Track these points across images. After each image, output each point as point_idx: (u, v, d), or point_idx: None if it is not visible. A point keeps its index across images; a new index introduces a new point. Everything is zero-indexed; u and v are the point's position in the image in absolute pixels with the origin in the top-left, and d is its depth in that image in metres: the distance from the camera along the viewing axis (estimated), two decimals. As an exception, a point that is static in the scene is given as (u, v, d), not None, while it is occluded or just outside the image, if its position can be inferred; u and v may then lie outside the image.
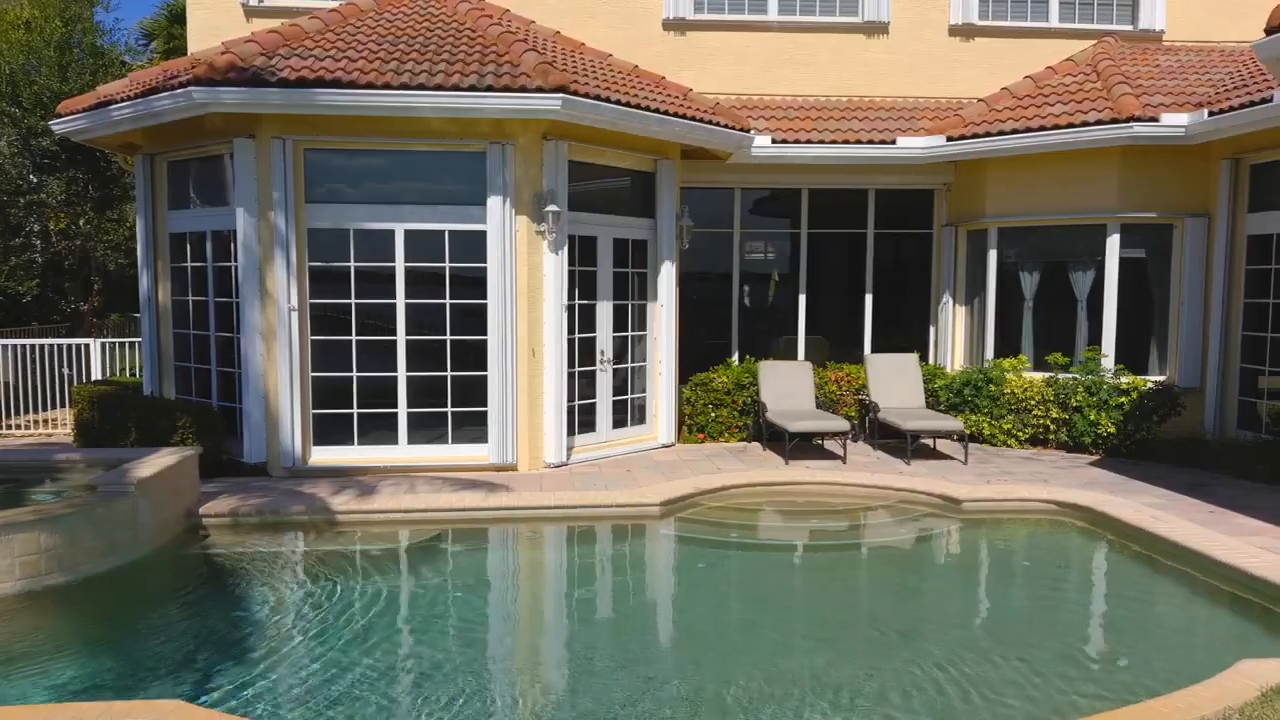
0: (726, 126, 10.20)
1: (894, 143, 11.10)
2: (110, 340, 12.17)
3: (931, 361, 11.96)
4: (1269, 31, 6.43)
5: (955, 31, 12.30)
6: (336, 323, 9.04)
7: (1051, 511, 7.96)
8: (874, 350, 11.90)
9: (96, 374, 11.76)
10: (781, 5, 12.22)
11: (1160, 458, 9.76)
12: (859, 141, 11.08)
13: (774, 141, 10.98)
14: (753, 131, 10.78)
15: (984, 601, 6.62)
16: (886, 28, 12.23)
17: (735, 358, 11.91)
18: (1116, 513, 7.42)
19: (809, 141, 11.04)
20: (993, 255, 11.22)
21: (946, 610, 6.28)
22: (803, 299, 12.02)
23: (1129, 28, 12.54)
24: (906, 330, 12.14)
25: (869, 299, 12.06)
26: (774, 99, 12.09)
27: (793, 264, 12.09)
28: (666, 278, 10.46)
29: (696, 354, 11.52)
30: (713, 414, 11.00)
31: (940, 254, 11.92)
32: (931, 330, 12.09)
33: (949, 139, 10.93)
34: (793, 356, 11.97)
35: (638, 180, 10.39)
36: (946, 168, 11.56)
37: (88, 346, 11.90)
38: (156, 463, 7.15)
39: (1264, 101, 8.80)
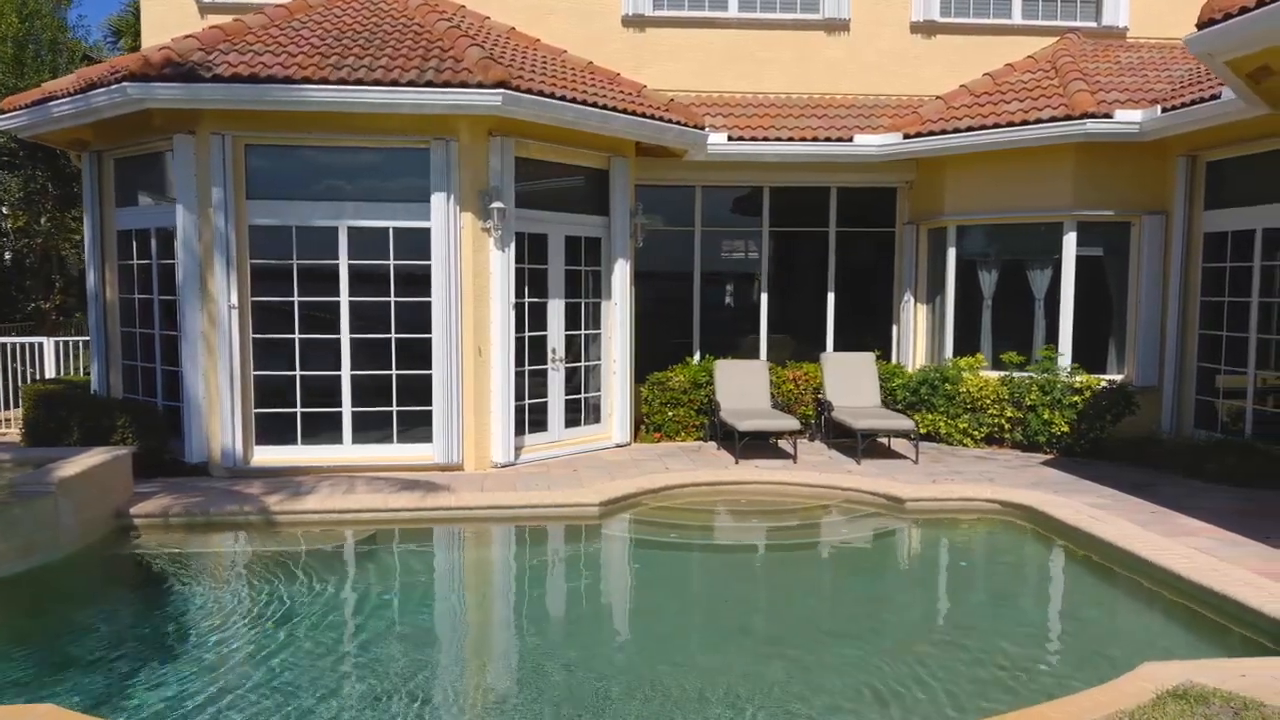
0: (678, 123, 10.10)
1: (851, 140, 11.01)
2: (65, 339, 12.06)
3: (894, 360, 11.87)
4: (1200, 26, 6.35)
5: (917, 29, 12.21)
6: (279, 321, 8.93)
7: (994, 511, 7.88)
8: (837, 349, 11.80)
9: (50, 372, 11.67)
10: (741, 2, 12.13)
11: (1114, 457, 9.68)
12: (816, 139, 10.98)
13: (730, 139, 10.89)
14: (708, 129, 10.68)
15: (911, 601, 6.51)
16: (847, 25, 12.14)
17: (697, 356, 11.81)
18: (1056, 513, 7.34)
19: (765, 139, 10.95)
20: (952, 253, 11.14)
21: (871, 609, 6.19)
22: (765, 297, 11.93)
23: (1093, 24, 12.46)
24: (870, 329, 12.04)
25: (831, 297, 11.96)
26: (734, 96, 11.99)
27: (755, 262, 11.99)
28: (620, 276, 10.37)
29: (659, 353, 11.42)
30: (669, 413, 10.91)
31: (902, 252, 11.83)
32: (894, 329, 12.01)
33: (905, 136, 10.84)
34: (755, 355, 11.88)
35: (591, 177, 10.29)
36: (908, 165, 11.47)
37: (41, 345, 11.80)
38: (83, 462, 7.06)
39: (1214, 98, 8.73)
